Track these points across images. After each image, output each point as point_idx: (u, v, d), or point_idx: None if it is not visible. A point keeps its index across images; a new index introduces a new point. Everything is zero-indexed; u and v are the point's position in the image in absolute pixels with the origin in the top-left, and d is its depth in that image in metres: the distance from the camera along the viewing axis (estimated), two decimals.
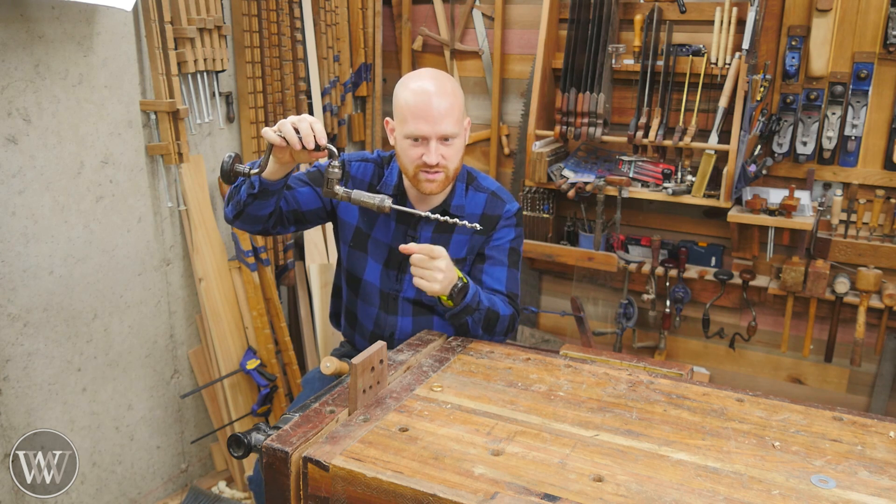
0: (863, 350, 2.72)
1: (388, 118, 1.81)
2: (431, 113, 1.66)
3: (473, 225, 1.57)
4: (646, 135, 2.81)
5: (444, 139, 1.69)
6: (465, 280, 1.63)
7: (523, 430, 1.30)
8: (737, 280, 2.89)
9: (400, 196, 1.84)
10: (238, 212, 1.72)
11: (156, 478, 2.57)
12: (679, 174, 2.83)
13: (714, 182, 2.75)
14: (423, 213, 1.58)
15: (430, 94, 1.67)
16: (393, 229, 1.84)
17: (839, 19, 2.60)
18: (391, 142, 1.79)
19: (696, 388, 1.49)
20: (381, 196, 1.53)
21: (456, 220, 1.57)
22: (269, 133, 1.51)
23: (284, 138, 1.51)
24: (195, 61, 2.39)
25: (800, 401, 1.44)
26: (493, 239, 1.84)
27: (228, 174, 1.57)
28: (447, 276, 1.57)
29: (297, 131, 1.50)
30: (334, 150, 1.53)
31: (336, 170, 1.53)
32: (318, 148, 1.52)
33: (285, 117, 2.75)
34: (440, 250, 1.56)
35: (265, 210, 1.70)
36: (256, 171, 1.59)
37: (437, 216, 1.57)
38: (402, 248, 1.58)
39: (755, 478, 1.16)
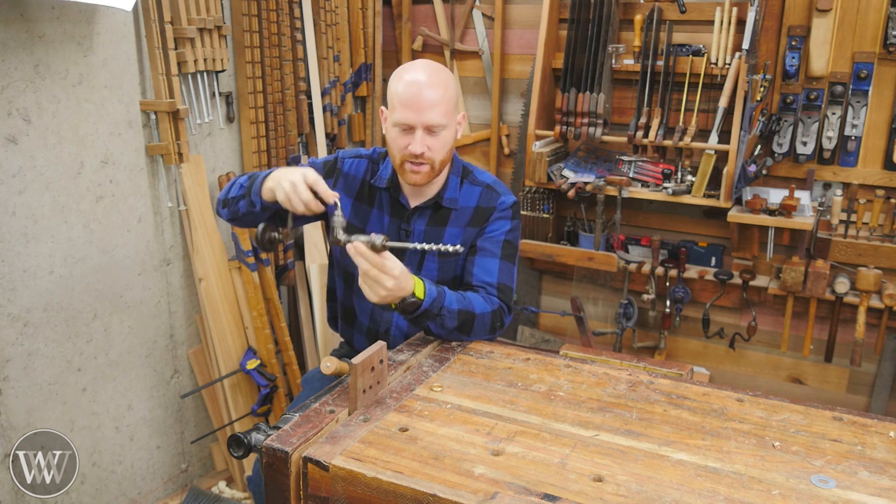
0: (863, 350, 2.72)
1: (382, 107, 1.82)
2: (419, 103, 1.66)
3: (456, 248, 1.48)
4: (646, 135, 2.81)
5: (431, 130, 1.69)
6: (420, 295, 1.57)
7: (523, 430, 1.30)
8: (737, 280, 2.89)
9: (393, 189, 1.84)
10: (233, 218, 1.79)
11: (156, 478, 2.57)
12: (679, 174, 2.82)
13: (714, 182, 2.75)
14: (415, 246, 1.52)
15: (421, 85, 1.67)
16: (386, 223, 1.85)
17: (839, 19, 2.59)
18: (383, 130, 1.78)
19: (696, 388, 1.49)
20: (375, 235, 1.50)
21: (448, 248, 1.49)
22: (288, 204, 1.61)
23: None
24: (195, 61, 2.39)
25: (800, 401, 1.44)
26: (486, 231, 1.81)
27: (263, 244, 1.68)
28: (392, 293, 1.52)
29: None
30: (337, 200, 1.61)
31: (340, 218, 1.59)
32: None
33: (285, 118, 2.80)
34: (392, 268, 1.50)
35: (261, 218, 1.76)
36: (287, 231, 1.70)
37: (432, 246, 1.51)
38: (351, 251, 1.50)
39: (755, 478, 1.16)
